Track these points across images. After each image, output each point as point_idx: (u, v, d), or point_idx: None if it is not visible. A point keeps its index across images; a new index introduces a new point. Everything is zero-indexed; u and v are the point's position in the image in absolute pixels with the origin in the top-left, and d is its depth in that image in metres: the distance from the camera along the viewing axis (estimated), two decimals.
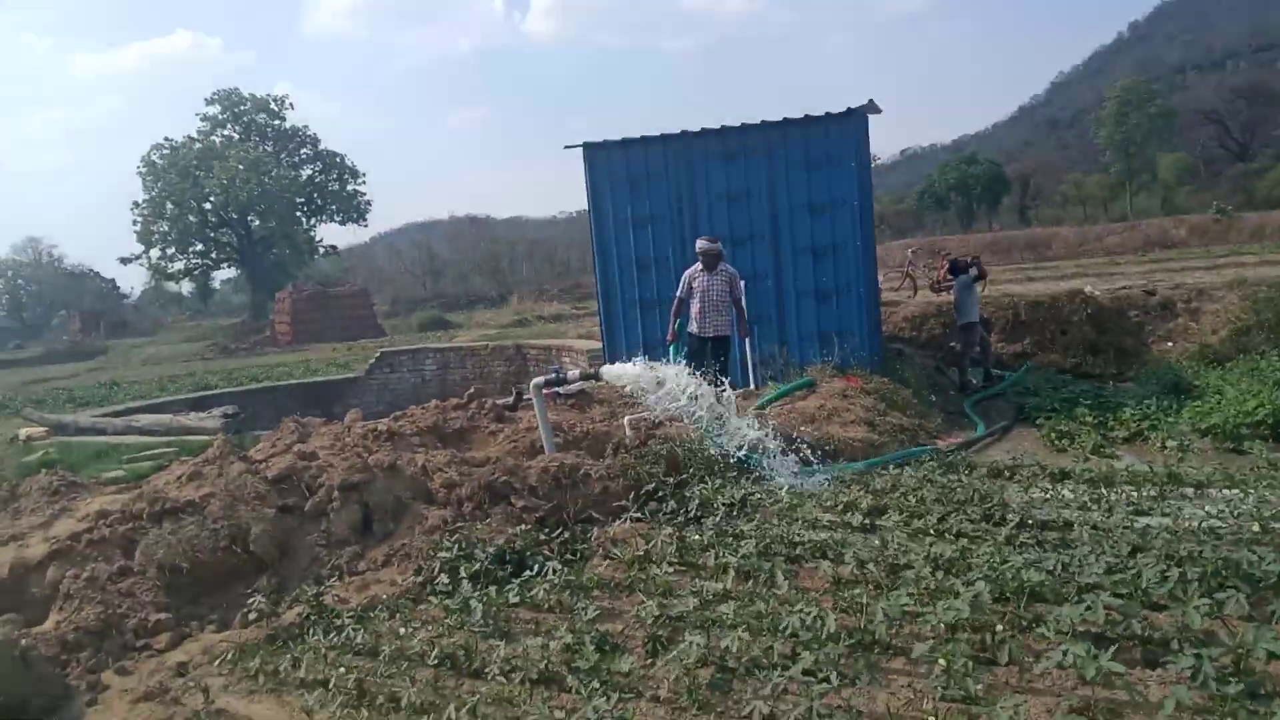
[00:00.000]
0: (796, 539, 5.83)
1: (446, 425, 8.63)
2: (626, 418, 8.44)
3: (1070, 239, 50.76)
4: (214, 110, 51.75)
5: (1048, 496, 6.55)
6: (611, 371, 7.78)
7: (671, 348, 8.95)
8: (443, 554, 5.77)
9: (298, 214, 52.59)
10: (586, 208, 10.54)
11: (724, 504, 6.68)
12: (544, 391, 9.41)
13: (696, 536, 6.01)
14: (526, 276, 77.39)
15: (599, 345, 12.90)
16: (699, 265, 8.90)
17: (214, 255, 52.64)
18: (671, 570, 5.53)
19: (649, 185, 10.28)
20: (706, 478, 7.45)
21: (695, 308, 8.85)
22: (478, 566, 5.71)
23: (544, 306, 21.27)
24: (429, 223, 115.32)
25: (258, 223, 51.33)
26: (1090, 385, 11.00)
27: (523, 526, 6.45)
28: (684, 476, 7.55)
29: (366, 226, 63.33)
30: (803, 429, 8.61)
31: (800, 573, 5.36)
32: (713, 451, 7.66)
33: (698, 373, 7.69)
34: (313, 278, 51.74)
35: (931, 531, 5.84)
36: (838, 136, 9.84)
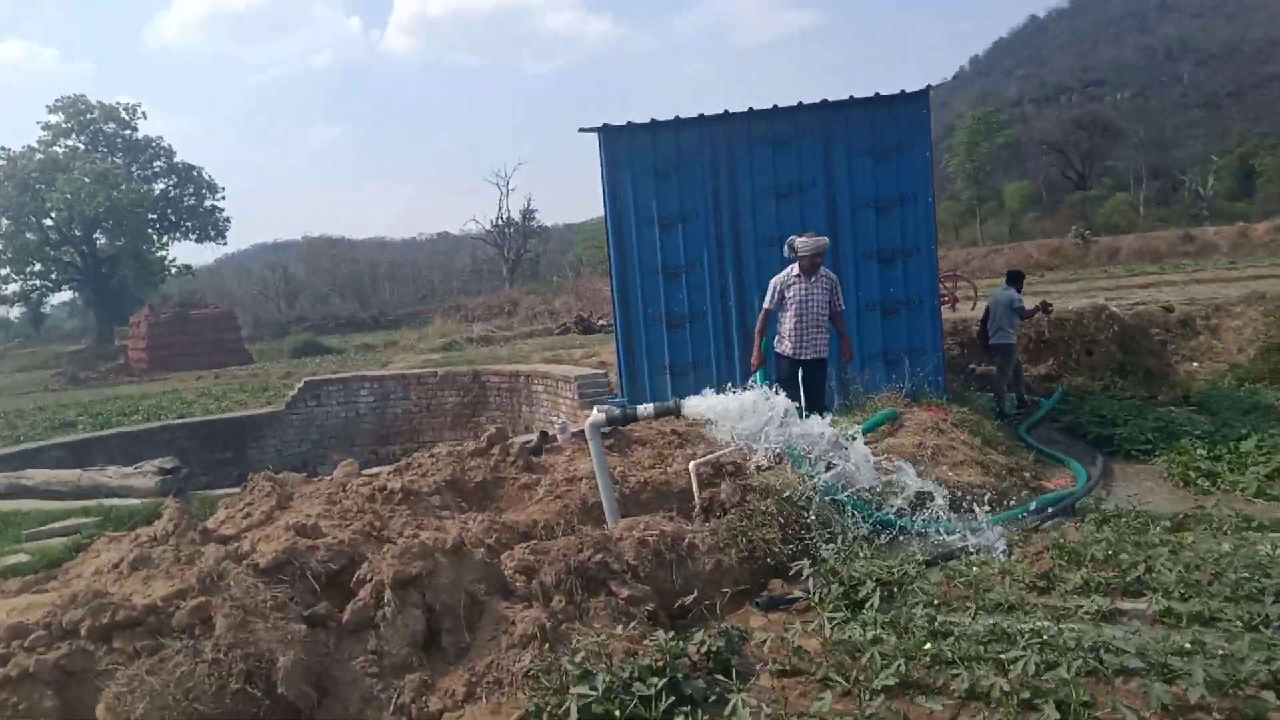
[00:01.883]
0: (1049, 639, 4.16)
1: (467, 477, 6.64)
2: (693, 463, 6.63)
3: (952, 260, 51.71)
4: (57, 119, 46.79)
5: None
6: (699, 406, 5.97)
7: (757, 374, 7.18)
8: (580, 690, 3.81)
9: (149, 231, 48.10)
10: (603, 204, 8.68)
11: (895, 583, 4.98)
12: (572, 433, 7.54)
13: (914, 639, 4.29)
14: (391, 299, 74.48)
15: (587, 371, 11.00)
16: (794, 270, 7.16)
17: (54, 276, 47.53)
18: (924, 699, 3.78)
19: (679, 177, 8.51)
20: (843, 543, 5.77)
21: (789, 323, 7.11)
22: (632, 705, 3.81)
23: (469, 328, 19.12)
24: (282, 243, 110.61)
25: (104, 240, 46.64)
26: (1159, 411, 9.78)
27: (643, 628, 4.61)
28: (807, 543, 5.85)
29: (225, 245, 58.84)
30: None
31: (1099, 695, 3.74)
32: (842, 508, 5.96)
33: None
34: (165, 300, 47.38)
35: (1222, 622, 4.31)
36: (908, 119, 8.32)
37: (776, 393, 6.09)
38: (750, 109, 8.44)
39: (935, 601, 4.75)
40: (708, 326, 8.60)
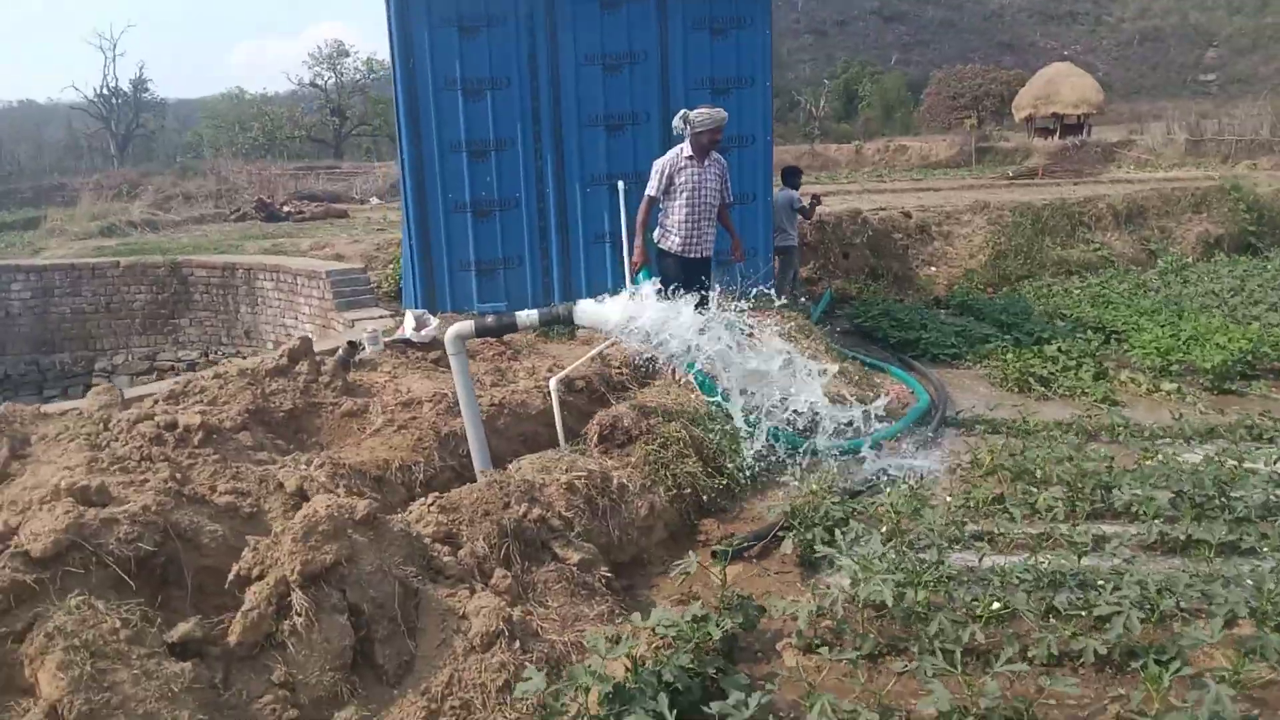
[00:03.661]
0: (1121, 584, 3.66)
1: (272, 405, 5.04)
2: (553, 380, 5.50)
3: None
4: None
5: (1237, 469, 5.01)
6: (598, 312, 4.81)
7: (641, 273, 6.03)
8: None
9: None
10: (390, 62, 6.97)
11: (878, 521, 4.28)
12: (397, 339, 6.11)
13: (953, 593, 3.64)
14: None
15: (342, 265, 9.21)
16: (684, 150, 6.00)
17: None
18: (1046, 680, 3.10)
19: (490, 34, 6.99)
20: (760, 472, 5.02)
21: (679, 214, 5.97)
22: None
23: (125, 210, 15.62)
24: None
25: None
26: (933, 315, 9.90)
27: (613, 602, 3.60)
28: (729, 475, 5.00)
29: None
30: None
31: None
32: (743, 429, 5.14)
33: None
34: None
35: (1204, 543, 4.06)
36: None
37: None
38: None
39: (939, 541, 4.05)
40: (521, 217, 7.28)
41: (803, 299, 10.56)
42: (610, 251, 7.44)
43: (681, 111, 5.97)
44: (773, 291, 6.01)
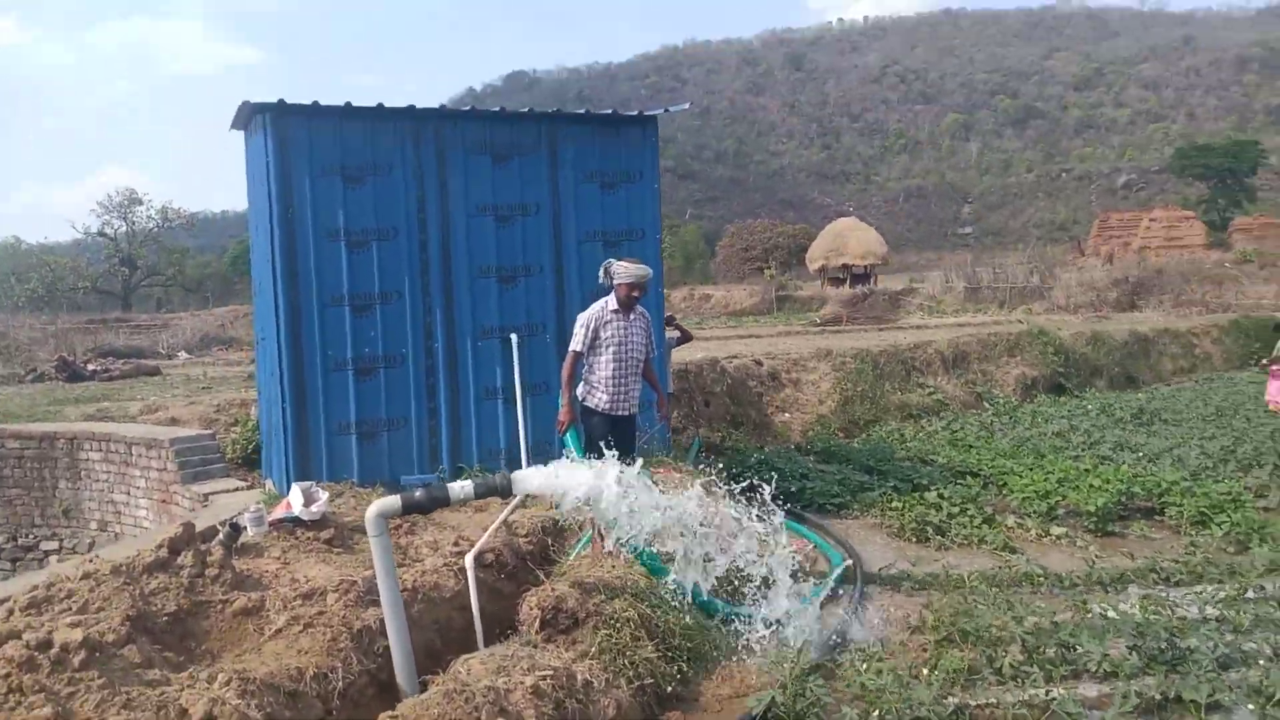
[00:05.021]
0: None
1: (154, 607, 4.26)
2: (469, 555, 4.99)
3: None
4: None
5: (1165, 616, 5.05)
6: (542, 480, 4.40)
7: (569, 434, 5.58)
8: None
9: None
10: (258, 208, 6.41)
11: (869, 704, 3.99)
12: (271, 521, 5.42)
13: None
14: None
15: (189, 432, 8.26)
16: (609, 303, 5.68)
17: None
18: None
19: (376, 183, 6.57)
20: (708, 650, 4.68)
21: (605, 370, 5.58)
22: None
23: None
24: None
25: None
26: (805, 463, 9.90)
27: None
28: (678, 658, 4.59)
29: None
30: None
31: None
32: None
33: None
34: None
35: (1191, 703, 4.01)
36: (638, 144, 7.35)
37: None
38: (472, 108, 6.84)
39: None
40: (407, 373, 6.75)
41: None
42: (503, 408, 7.03)
43: (606, 262, 5.78)
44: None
